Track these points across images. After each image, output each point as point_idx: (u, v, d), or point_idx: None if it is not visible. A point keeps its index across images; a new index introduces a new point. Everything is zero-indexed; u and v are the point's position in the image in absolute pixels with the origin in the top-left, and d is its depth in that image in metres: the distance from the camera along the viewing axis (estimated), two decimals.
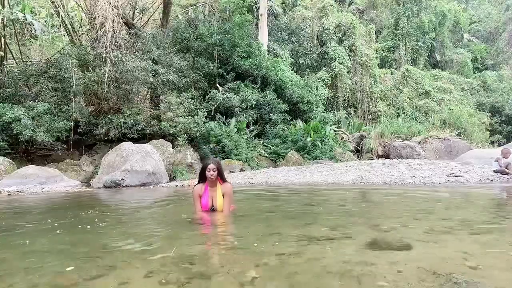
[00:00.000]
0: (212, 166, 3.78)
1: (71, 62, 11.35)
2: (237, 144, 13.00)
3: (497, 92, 25.55)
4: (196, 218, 3.87)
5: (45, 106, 10.51)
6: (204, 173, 3.84)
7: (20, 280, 2.05)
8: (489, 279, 1.88)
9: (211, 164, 3.81)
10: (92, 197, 7.29)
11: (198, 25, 16.48)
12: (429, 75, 25.43)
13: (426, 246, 2.60)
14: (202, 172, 3.88)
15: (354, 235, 3.00)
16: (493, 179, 8.25)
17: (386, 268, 2.06)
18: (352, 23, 23.39)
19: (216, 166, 3.80)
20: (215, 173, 3.78)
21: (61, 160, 11.11)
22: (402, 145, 16.04)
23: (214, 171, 3.77)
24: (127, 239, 3.18)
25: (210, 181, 3.83)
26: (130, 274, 2.09)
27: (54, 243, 3.06)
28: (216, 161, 3.91)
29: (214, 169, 3.77)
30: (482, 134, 21.09)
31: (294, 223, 3.64)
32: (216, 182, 3.88)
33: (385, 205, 5.16)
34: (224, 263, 2.29)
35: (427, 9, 27.32)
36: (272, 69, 16.60)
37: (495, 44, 32.39)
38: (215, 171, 3.77)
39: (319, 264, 2.21)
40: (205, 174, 3.82)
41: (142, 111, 12.54)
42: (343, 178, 9.05)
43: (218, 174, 3.82)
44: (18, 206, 6.05)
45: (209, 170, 3.77)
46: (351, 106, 22.98)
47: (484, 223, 3.68)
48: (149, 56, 12.91)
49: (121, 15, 13.38)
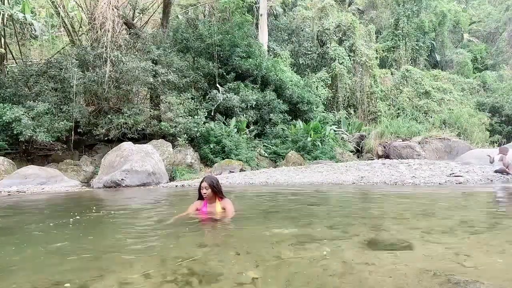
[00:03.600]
0: (204, 184, 3.84)
1: (71, 62, 11.35)
2: (237, 144, 12.99)
3: (497, 92, 25.51)
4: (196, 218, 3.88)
5: (45, 106, 10.51)
6: (199, 190, 3.92)
7: (21, 280, 2.05)
8: (489, 279, 1.88)
9: (203, 182, 3.87)
10: (92, 197, 7.29)
11: (198, 25, 16.49)
12: (429, 75, 25.42)
13: (426, 246, 2.60)
14: (198, 189, 3.95)
15: (354, 235, 3.00)
16: (493, 179, 8.25)
17: (386, 268, 2.06)
18: (352, 23, 23.38)
19: (209, 184, 3.83)
20: (208, 191, 3.83)
21: (61, 160, 11.11)
22: (402, 145, 16.03)
23: (207, 189, 3.83)
24: (127, 239, 3.18)
25: (208, 198, 3.89)
26: (130, 274, 2.09)
27: (54, 243, 3.06)
28: (210, 179, 3.92)
29: (207, 187, 3.82)
30: (482, 134, 21.07)
31: (294, 223, 3.64)
32: (215, 198, 3.93)
33: (385, 205, 5.16)
34: (224, 263, 2.29)
35: (427, 9, 27.30)
36: (272, 69, 16.60)
37: (495, 44, 32.37)
38: (208, 189, 3.82)
39: (319, 264, 2.21)
40: (199, 192, 3.90)
41: (142, 111, 12.54)
42: (343, 178, 9.05)
43: (213, 192, 3.86)
44: (18, 206, 6.05)
45: (202, 188, 3.85)
46: (351, 106, 22.96)
47: (484, 223, 3.68)
48: (149, 56, 12.91)
49: (121, 15, 13.39)
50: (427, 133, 17.27)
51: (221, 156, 12.53)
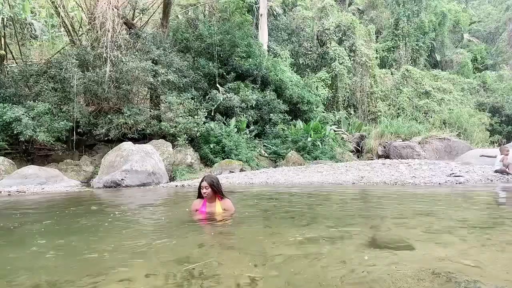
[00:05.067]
0: (204, 184, 3.83)
1: (71, 62, 11.34)
2: (237, 144, 12.99)
3: (497, 92, 25.52)
4: (196, 218, 3.88)
5: (45, 106, 10.52)
6: (198, 190, 3.92)
7: (22, 279, 2.05)
8: (489, 279, 1.88)
9: (203, 181, 3.86)
10: (92, 197, 7.29)
11: (198, 25, 16.48)
12: (429, 75, 25.42)
13: (426, 246, 2.60)
14: (198, 189, 3.94)
15: (354, 235, 3.00)
16: (493, 179, 8.24)
17: (386, 268, 2.06)
18: (352, 23, 23.39)
19: (209, 183, 3.82)
20: (208, 190, 3.82)
21: (61, 160, 11.11)
22: (402, 145, 16.03)
23: (206, 189, 3.82)
24: (127, 239, 3.18)
25: (208, 198, 3.89)
26: (130, 274, 2.09)
27: (54, 242, 3.06)
28: (211, 178, 3.91)
29: (207, 187, 3.82)
30: (482, 134, 21.08)
31: (294, 223, 3.64)
32: (215, 198, 3.93)
33: (385, 205, 5.16)
34: (224, 263, 2.29)
35: (427, 9, 27.31)
36: (272, 69, 16.60)
37: (495, 44, 32.37)
38: (208, 189, 3.82)
39: (319, 264, 2.21)
40: (199, 192, 3.90)
41: (142, 111, 12.53)
42: (343, 178, 9.05)
43: (213, 191, 3.85)
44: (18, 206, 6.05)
45: (202, 188, 3.84)
46: (351, 106, 22.97)
47: (484, 223, 3.68)
48: (149, 56, 12.91)
49: (121, 15, 13.38)
50: (427, 133, 17.26)
51: (221, 156, 12.53)
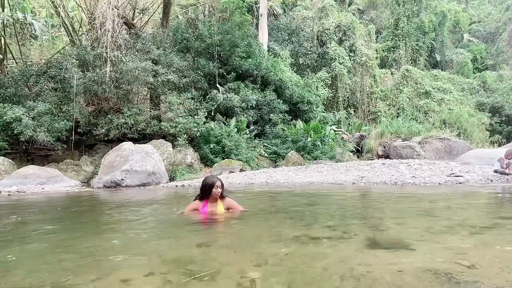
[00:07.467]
0: (219, 184, 3.86)
1: (71, 62, 11.35)
2: (237, 144, 12.99)
3: (497, 92, 25.52)
4: (196, 218, 3.88)
5: (45, 106, 10.52)
6: (208, 189, 3.88)
7: (22, 279, 2.05)
8: (489, 279, 1.88)
9: (218, 181, 3.87)
10: (92, 197, 7.29)
11: (198, 25, 16.49)
12: (429, 75, 25.42)
13: (426, 246, 2.60)
14: (207, 189, 3.89)
15: (354, 235, 3.00)
16: (493, 179, 8.24)
17: (386, 268, 2.06)
18: (352, 23, 23.39)
19: (222, 184, 3.91)
20: (222, 189, 3.89)
21: (61, 160, 11.12)
22: (402, 145, 16.02)
23: (222, 189, 3.88)
24: (127, 239, 3.18)
25: (212, 197, 3.90)
26: (130, 274, 2.09)
27: (54, 242, 3.06)
28: (219, 178, 3.99)
29: (221, 186, 3.87)
30: (482, 134, 21.07)
31: (294, 223, 3.64)
32: (217, 198, 3.96)
33: (385, 205, 5.16)
34: (224, 263, 2.29)
35: (427, 9, 27.32)
36: (272, 69, 16.60)
37: (495, 44, 32.37)
38: (221, 188, 3.88)
39: (319, 264, 2.21)
40: (209, 191, 3.87)
41: (142, 111, 12.55)
42: (343, 178, 9.05)
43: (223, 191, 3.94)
44: (18, 206, 6.05)
45: (217, 187, 3.84)
46: (351, 106, 22.97)
47: (484, 223, 3.68)
48: (149, 56, 12.91)
49: (121, 15, 13.39)
50: (427, 133, 17.26)
51: (221, 156, 12.53)
